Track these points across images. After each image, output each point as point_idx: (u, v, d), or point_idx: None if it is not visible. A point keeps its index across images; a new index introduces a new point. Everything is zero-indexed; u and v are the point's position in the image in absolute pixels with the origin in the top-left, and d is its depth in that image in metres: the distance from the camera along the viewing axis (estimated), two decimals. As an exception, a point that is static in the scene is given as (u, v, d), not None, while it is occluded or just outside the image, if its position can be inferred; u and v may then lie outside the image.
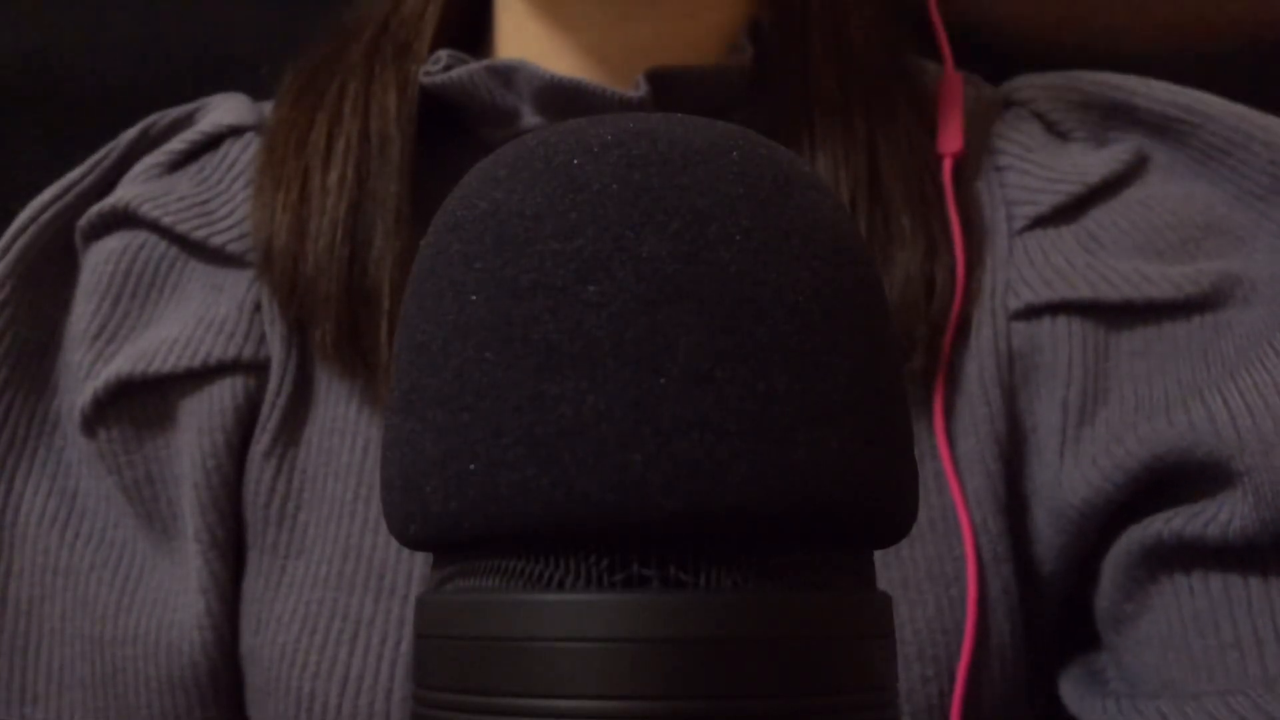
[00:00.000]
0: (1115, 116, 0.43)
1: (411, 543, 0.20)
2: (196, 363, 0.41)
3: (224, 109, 0.47)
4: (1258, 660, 0.34)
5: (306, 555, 0.40)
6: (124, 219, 0.44)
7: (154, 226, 0.44)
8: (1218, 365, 0.37)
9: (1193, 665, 0.35)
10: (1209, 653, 0.35)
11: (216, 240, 0.43)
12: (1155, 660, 0.36)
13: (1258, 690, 0.33)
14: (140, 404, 0.41)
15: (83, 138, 0.47)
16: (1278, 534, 0.34)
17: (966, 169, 0.43)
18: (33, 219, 0.44)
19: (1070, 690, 0.39)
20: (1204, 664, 0.35)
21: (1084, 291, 0.39)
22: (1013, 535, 0.39)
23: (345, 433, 0.41)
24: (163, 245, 0.44)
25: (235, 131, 0.46)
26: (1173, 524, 0.35)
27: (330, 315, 0.40)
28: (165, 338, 0.42)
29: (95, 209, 0.44)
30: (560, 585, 0.18)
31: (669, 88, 0.41)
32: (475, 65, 0.43)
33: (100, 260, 0.44)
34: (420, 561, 0.39)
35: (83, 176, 0.46)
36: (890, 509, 0.20)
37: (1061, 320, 0.39)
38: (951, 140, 0.43)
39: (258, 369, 0.42)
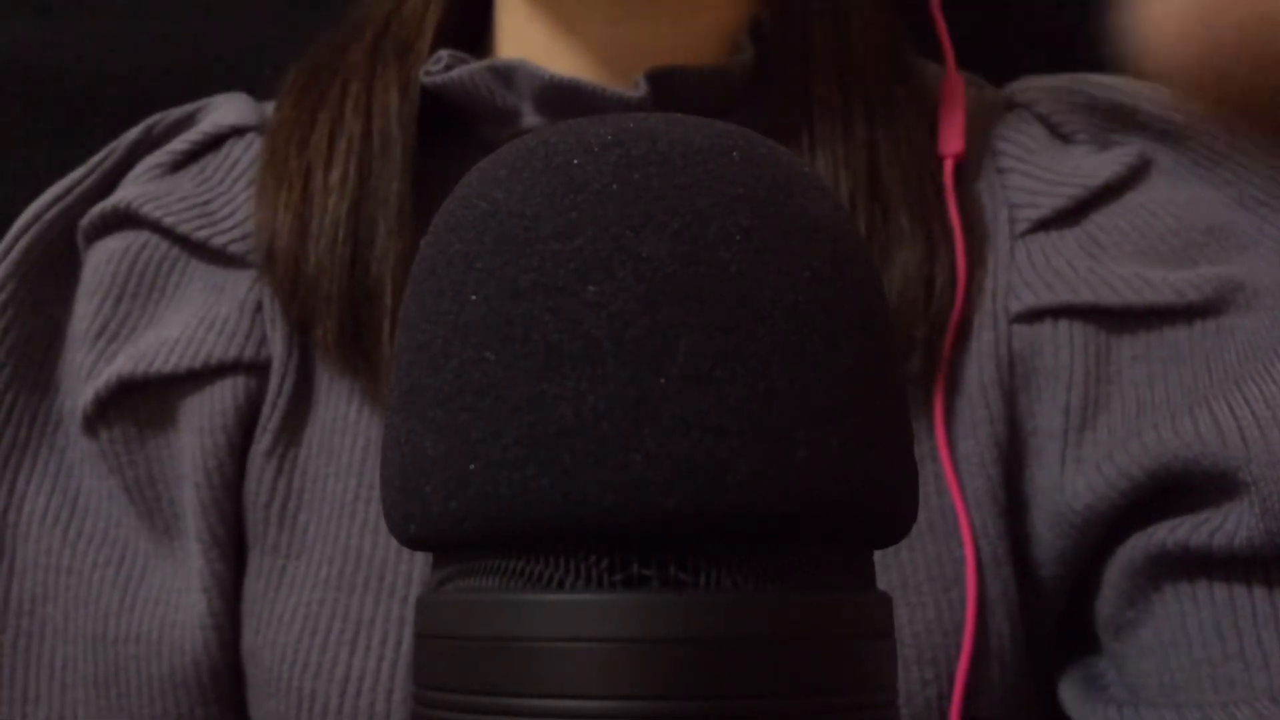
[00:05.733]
0: (1118, 120, 0.43)
1: (411, 543, 0.20)
2: (198, 363, 0.41)
3: (226, 109, 0.47)
4: (1262, 671, 0.34)
5: (307, 555, 0.40)
6: (126, 219, 0.44)
7: (155, 227, 0.44)
8: (1220, 372, 0.37)
9: (1196, 675, 0.35)
10: (1212, 663, 0.35)
11: (218, 240, 0.43)
12: (1157, 668, 0.36)
13: (1262, 701, 0.33)
14: (142, 404, 0.41)
15: (83, 138, 0.47)
16: None
17: (968, 170, 0.43)
18: (35, 219, 0.44)
19: (1070, 695, 0.39)
20: (1207, 674, 0.35)
21: (1085, 295, 0.39)
22: (1012, 538, 0.39)
23: (346, 432, 0.41)
24: (164, 245, 0.44)
25: (237, 131, 0.46)
26: (1178, 533, 0.35)
27: (332, 314, 0.40)
28: (166, 338, 0.42)
29: (97, 209, 0.44)
30: (560, 585, 0.18)
31: (669, 87, 0.41)
32: (476, 65, 0.43)
33: (102, 260, 0.44)
34: (420, 562, 0.39)
35: (84, 176, 0.46)
36: (890, 509, 0.20)
37: (1063, 324, 0.39)
38: (953, 141, 0.43)
39: (259, 369, 0.42)
